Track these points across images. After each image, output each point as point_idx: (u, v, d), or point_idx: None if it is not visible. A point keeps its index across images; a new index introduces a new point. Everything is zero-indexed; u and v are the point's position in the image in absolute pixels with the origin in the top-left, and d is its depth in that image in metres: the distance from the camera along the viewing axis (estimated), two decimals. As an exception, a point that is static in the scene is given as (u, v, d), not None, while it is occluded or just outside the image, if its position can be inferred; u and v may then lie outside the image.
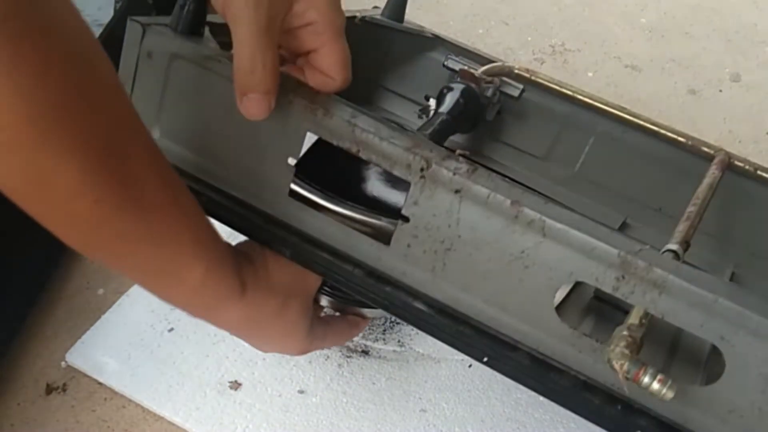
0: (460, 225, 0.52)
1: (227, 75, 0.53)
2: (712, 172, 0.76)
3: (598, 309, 0.64)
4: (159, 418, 0.71)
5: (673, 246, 0.59)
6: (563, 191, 0.89)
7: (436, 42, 0.91)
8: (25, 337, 0.75)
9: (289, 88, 0.53)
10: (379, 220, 0.57)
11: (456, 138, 0.85)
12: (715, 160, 0.78)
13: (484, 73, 0.83)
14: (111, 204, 0.44)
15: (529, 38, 1.24)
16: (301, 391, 0.74)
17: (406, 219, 0.52)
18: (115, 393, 0.72)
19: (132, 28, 0.57)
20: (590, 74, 1.18)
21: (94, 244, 0.46)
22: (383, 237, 0.55)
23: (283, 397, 0.73)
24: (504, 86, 0.86)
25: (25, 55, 0.38)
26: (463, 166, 0.50)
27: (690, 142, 0.81)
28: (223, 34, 0.54)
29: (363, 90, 0.90)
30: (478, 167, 0.50)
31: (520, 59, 1.18)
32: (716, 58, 1.24)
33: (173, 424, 0.71)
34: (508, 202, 0.49)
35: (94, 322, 0.76)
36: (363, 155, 0.52)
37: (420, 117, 0.82)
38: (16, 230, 0.76)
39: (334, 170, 0.61)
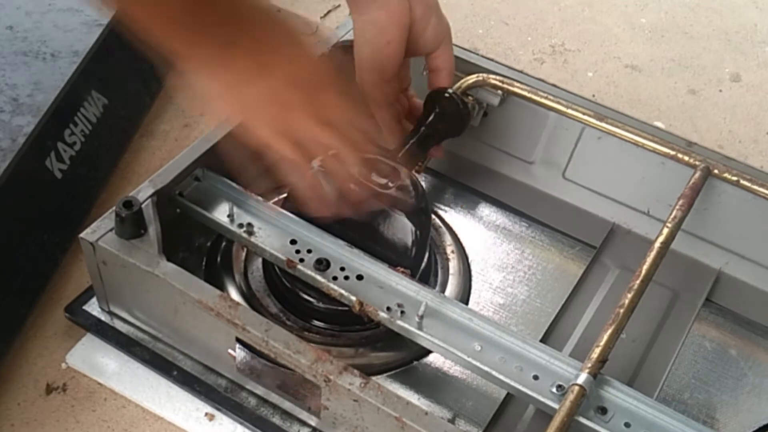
0: (365, 420, 0.62)
1: (166, 279, 0.66)
2: (693, 182, 0.77)
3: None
4: (159, 418, 0.71)
5: (582, 379, 0.63)
6: (550, 195, 0.89)
7: None
8: (25, 337, 0.75)
9: (214, 305, 0.65)
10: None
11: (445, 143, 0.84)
12: (696, 176, 0.78)
13: (458, 89, 0.82)
14: None
15: (529, 38, 1.24)
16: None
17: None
18: (115, 393, 0.73)
19: (85, 245, 0.69)
20: (590, 74, 1.18)
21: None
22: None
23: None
24: (484, 95, 0.85)
25: None
26: (357, 380, 0.61)
27: (673, 152, 0.80)
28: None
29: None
30: (369, 381, 0.61)
31: (520, 59, 1.18)
32: (716, 58, 1.24)
33: (173, 424, 0.71)
34: (395, 415, 0.59)
35: (94, 323, 0.77)
36: (279, 360, 0.64)
37: None
38: (16, 231, 0.77)
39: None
